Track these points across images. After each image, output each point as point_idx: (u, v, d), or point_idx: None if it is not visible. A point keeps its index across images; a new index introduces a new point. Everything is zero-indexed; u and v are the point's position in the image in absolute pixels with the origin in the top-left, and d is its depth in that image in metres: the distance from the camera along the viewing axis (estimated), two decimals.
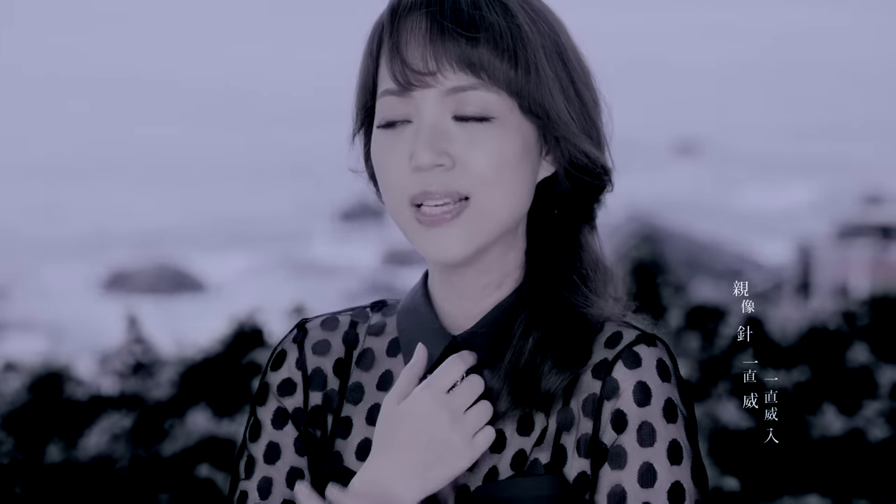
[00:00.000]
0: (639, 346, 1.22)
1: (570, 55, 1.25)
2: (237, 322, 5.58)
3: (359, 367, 1.30)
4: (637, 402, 1.22)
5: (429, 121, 1.22)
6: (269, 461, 1.29)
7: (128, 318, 5.59)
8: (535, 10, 1.25)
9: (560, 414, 1.23)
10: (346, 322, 1.31)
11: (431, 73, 1.21)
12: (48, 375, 5.26)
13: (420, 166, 1.22)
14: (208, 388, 5.36)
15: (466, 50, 1.21)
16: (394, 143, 1.23)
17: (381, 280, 15.30)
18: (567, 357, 1.23)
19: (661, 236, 11.66)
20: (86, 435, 5.04)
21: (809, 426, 5.27)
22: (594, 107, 1.26)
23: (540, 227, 1.27)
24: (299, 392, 1.29)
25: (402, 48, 1.22)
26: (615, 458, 1.22)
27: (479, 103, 1.22)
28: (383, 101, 1.24)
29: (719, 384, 5.45)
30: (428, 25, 1.22)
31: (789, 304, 7.74)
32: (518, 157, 1.23)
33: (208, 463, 4.95)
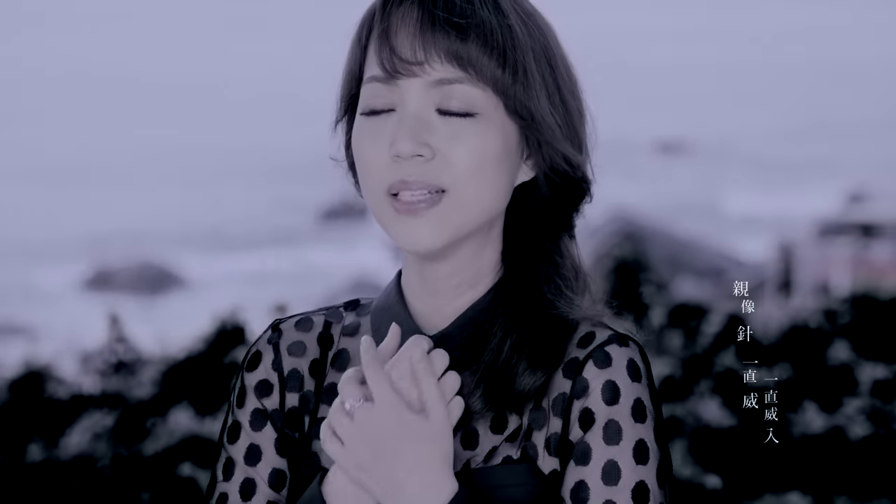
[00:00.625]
0: (610, 346, 1.23)
1: (558, 62, 1.25)
2: (219, 320, 5.56)
3: (333, 368, 1.29)
4: (605, 401, 1.22)
5: (412, 110, 1.21)
6: (250, 462, 1.28)
7: (109, 317, 5.58)
8: (526, 13, 1.24)
9: (532, 413, 1.23)
10: (321, 322, 1.30)
11: (419, 63, 1.21)
12: (29, 374, 5.24)
13: (400, 154, 1.21)
14: (190, 387, 5.35)
15: (456, 43, 1.21)
16: (376, 130, 1.23)
17: (364, 279, 15.29)
18: (541, 358, 1.23)
19: (643, 235, 11.69)
20: (67, 434, 5.02)
21: (791, 424, 5.29)
22: (578, 116, 1.26)
23: (516, 230, 1.27)
24: (276, 393, 1.28)
25: (391, 36, 1.22)
26: (580, 455, 1.22)
27: (464, 98, 1.21)
28: (368, 88, 1.23)
29: (701, 382, 5.47)
30: (419, 15, 1.21)
31: (771, 301, 7.77)
32: (498, 155, 1.23)
33: (190, 462, 4.94)
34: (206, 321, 5.59)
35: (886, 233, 14.03)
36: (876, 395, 5.52)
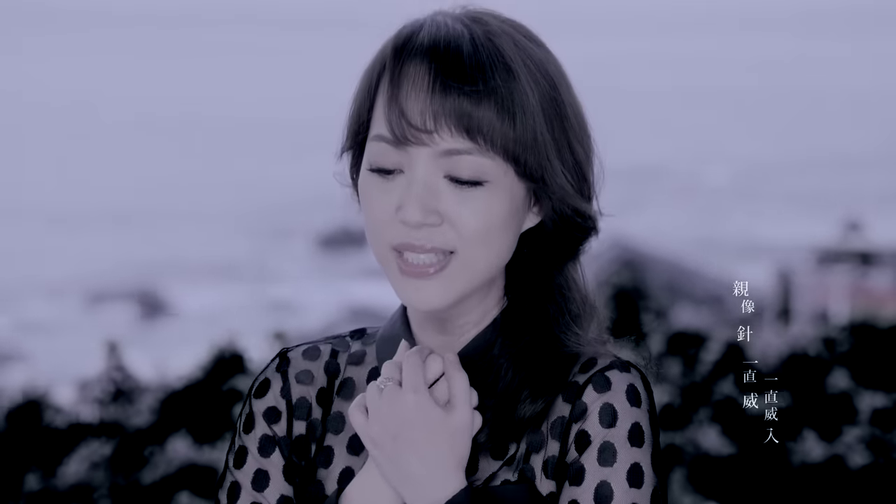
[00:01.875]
0: (611, 371, 1.23)
1: (568, 112, 1.25)
2: (217, 348, 5.56)
3: (339, 397, 1.30)
4: (602, 424, 1.22)
5: (421, 177, 1.22)
6: (258, 488, 1.29)
7: (107, 345, 5.57)
8: (536, 65, 1.23)
9: (530, 436, 1.24)
10: (327, 351, 1.31)
11: (428, 132, 1.21)
12: (27, 403, 5.22)
13: (407, 222, 1.22)
14: (188, 415, 5.33)
15: (466, 112, 1.20)
16: (383, 189, 1.23)
17: (361, 308, 15.29)
18: (543, 386, 1.24)
19: (642, 262, 11.71)
20: (65, 463, 5.00)
21: (790, 452, 5.27)
22: (587, 161, 1.26)
23: (521, 262, 1.28)
24: (284, 420, 1.29)
25: (401, 99, 1.21)
26: (574, 475, 1.22)
27: (474, 168, 1.21)
28: (376, 146, 1.23)
29: (700, 410, 5.46)
30: (430, 79, 1.21)
31: (769, 329, 7.76)
32: (506, 217, 1.23)
33: (188, 490, 4.92)
34: (204, 349, 5.58)
35: (885, 261, 14.05)
36: (875, 424, 5.51)
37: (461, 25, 1.23)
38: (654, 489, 1.23)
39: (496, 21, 1.24)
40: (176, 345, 10.73)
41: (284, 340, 5.74)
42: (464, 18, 1.23)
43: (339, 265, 18.88)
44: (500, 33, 1.23)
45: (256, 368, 5.54)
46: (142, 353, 6.75)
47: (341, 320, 14.30)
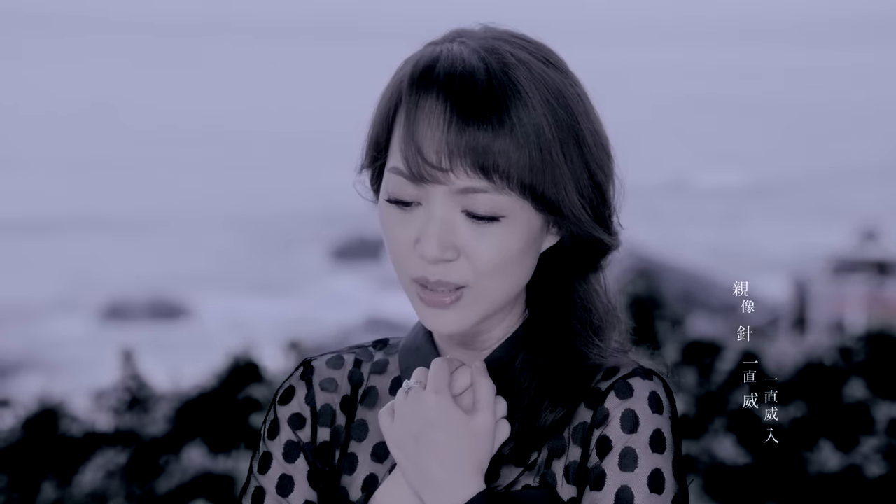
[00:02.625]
0: (633, 378, 1.24)
1: (586, 137, 1.24)
2: (232, 357, 5.56)
3: (363, 405, 1.31)
4: (624, 429, 1.23)
5: (438, 214, 1.22)
6: (282, 493, 1.29)
7: (123, 354, 5.58)
8: (553, 93, 1.23)
9: (551, 442, 1.25)
10: (351, 361, 1.32)
11: (444, 171, 1.21)
12: (43, 412, 5.24)
13: (425, 257, 1.23)
14: (204, 424, 5.34)
15: (481, 151, 1.20)
16: (402, 221, 1.24)
17: (377, 317, 15.29)
18: (565, 396, 1.25)
19: (658, 271, 11.68)
20: (80, 472, 5.01)
21: (806, 462, 5.25)
22: (606, 183, 1.26)
23: (541, 276, 1.28)
24: (308, 427, 1.30)
25: (417, 136, 1.21)
26: (595, 480, 1.22)
27: (490, 204, 1.21)
28: (394, 178, 1.24)
29: (716, 420, 5.44)
30: (446, 117, 1.20)
31: (785, 339, 7.73)
32: (523, 249, 1.24)
33: (204, 499, 4.93)
34: (219, 358, 5.59)
35: None
36: (892, 434, 5.48)
37: (477, 58, 1.22)
38: (675, 496, 1.23)
39: (514, 48, 1.23)
40: (191, 354, 10.75)
41: (299, 349, 5.75)
42: (480, 50, 1.22)
43: (354, 275, 18.90)
44: (516, 64, 1.22)
45: (272, 377, 5.54)
46: (157, 362, 6.76)
47: (356, 330, 14.30)
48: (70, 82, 37.54)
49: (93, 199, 24.13)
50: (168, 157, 28.40)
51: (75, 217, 22.87)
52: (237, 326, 15.04)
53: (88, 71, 39.54)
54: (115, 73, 39.44)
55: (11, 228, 21.78)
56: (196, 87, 38.24)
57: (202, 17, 55.01)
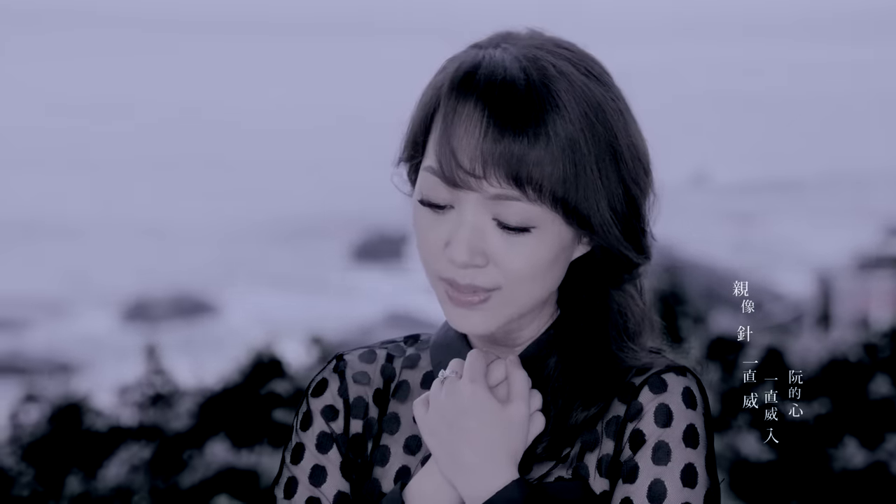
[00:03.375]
0: (667, 374, 1.25)
1: (624, 153, 1.24)
2: (255, 353, 5.58)
3: (395, 399, 1.32)
4: (657, 423, 1.23)
5: (469, 220, 1.23)
6: (315, 483, 1.30)
7: (147, 349, 5.61)
8: (592, 107, 1.22)
9: (585, 435, 1.25)
10: (383, 356, 1.33)
11: (477, 178, 1.21)
12: (68, 406, 5.27)
13: (454, 262, 1.23)
14: (227, 419, 5.36)
15: (515, 161, 1.21)
16: (434, 222, 1.25)
17: (399, 313, 15.32)
18: (597, 394, 1.25)
19: (681, 267, 11.64)
20: (105, 466, 5.04)
21: (831, 459, 5.22)
22: (642, 197, 1.26)
23: (573, 280, 1.29)
24: (341, 418, 1.31)
25: (453, 141, 1.22)
26: (628, 473, 1.23)
27: (521, 214, 1.22)
28: (429, 178, 1.24)
29: (739, 416, 5.42)
30: (482, 125, 1.21)
31: (810, 335, 7.69)
32: (553, 260, 1.24)
33: (227, 494, 4.95)
34: (242, 353, 5.61)
35: None
36: None
37: (518, 67, 1.22)
38: (708, 490, 1.23)
39: (556, 58, 1.23)
40: (214, 350, 10.81)
41: (322, 345, 5.76)
42: (522, 59, 1.22)
43: (376, 271, 18.95)
44: (556, 76, 1.22)
45: (294, 373, 5.56)
46: (181, 357, 6.79)
47: (378, 326, 14.32)
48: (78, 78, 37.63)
49: (111, 197, 24.24)
50: (187, 154, 28.50)
51: (94, 216, 23.00)
52: (260, 322, 15.10)
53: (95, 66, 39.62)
54: (119, 69, 39.56)
55: (30, 227, 21.91)
56: (209, 84, 38.35)
57: (211, 14, 55.08)
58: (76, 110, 32.68)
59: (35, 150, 27.82)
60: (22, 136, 29.13)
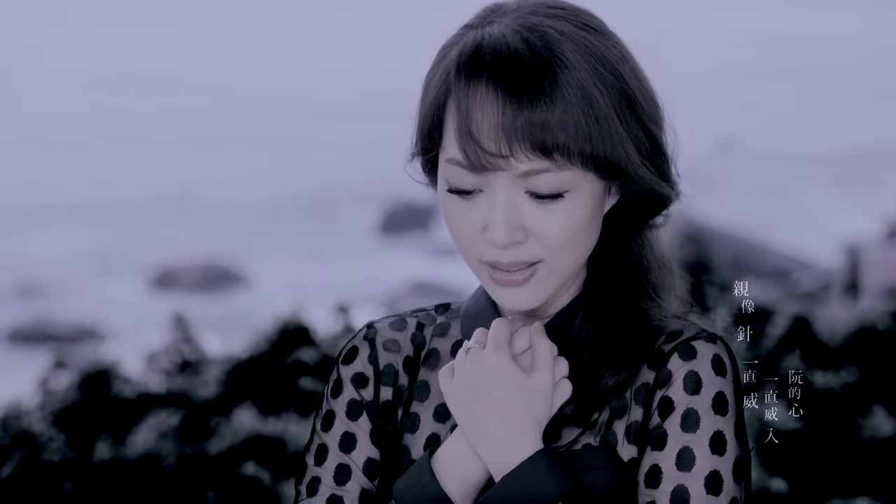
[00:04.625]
0: (697, 341, 1.26)
1: (636, 96, 1.24)
2: (282, 321, 5.61)
3: (425, 366, 1.32)
4: (686, 391, 1.24)
5: (503, 199, 1.22)
6: (345, 450, 1.30)
7: (174, 317, 5.64)
8: (599, 59, 1.22)
9: (613, 402, 1.25)
10: (413, 324, 1.34)
11: (504, 157, 1.21)
12: (97, 373, 5.32)
13: (495, 244, 1.23)
14: (254, 387, 5.40)
15: (538, 131, 1.20)
16: (465, 209, 1.24)
17: (424, 283, 15.35)
18: (627, 359, 1.25)
19: (707, 236, 11.59)
20: (134, 432, 5.09)
21: (859, 427, 5.21)
22: (661, 135, 1.26)
23: (601, 241, 1.29)
24: (371, 386, 1.31)
25: (473, 127, 1.21)
26: (656, 440, 1.23)
27: (553, 183, 1.22)
28: (453, 170, 1.23)
29: (766, 385, 5.40)
30: (499, 104, 1.20)
31: (837, 304, 7.66)
32: (590, 219, 1.24)
33: (254, 461, 4.99)
34: (269, 321, 5.64)
35: None
36: None
37: (519, 39, 1.21)
38: (737, 458, 1.24)
39: (552, 20, 1.22)
40: (242, 318, 10.87)
41: (349, 314, 5.78)
42: (520, 29, 1.21)
43: (403, 240, 18.98)
44: (558, 38, 1.21)
45: (321, 341, 5.58)
46: (209, 326, 6.83)
47: (405, 295, 14.36)
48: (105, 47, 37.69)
49: (141, 170, 24.33)
50: (216, 126, 28.56)
51: (125, 187, 23.12)
52: (287, 292, 15.16)
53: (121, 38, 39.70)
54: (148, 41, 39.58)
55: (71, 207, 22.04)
56: (238, 53, 38.32)
57: None
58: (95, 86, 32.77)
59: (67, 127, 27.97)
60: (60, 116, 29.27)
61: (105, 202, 21.31)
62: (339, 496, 1.26)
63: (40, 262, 17.25)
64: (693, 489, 1.18)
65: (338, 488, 1.27)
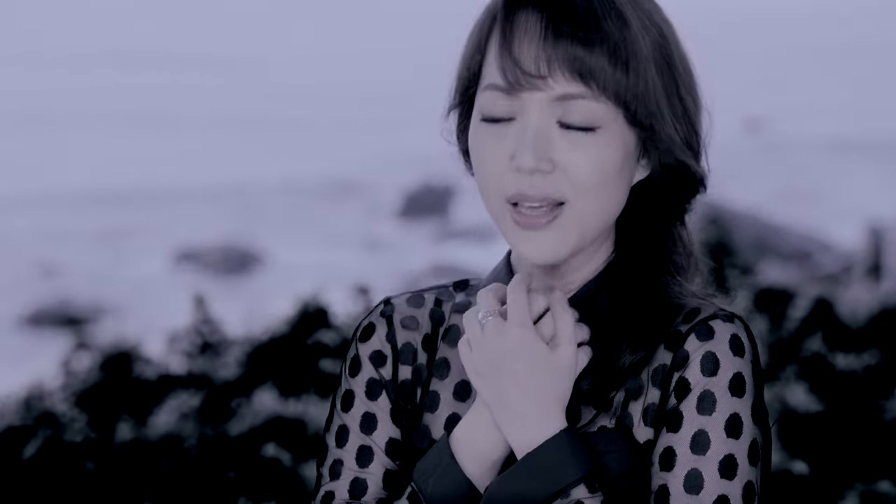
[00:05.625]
0: (714, 321, 1.24)
1: (676, 62, 1.25)
2: (302, 302, 5.62)
3: (444, 343, 1.30)
4: (703, 372, 1.21)
5: (534, 124, 1.22)
6: (366, 431, 1.29)
7: (195, 298, 5.66)
8: (646, 14, 1.24)
9: (629, 383, 1.24)
10: (431, 300, 1.32)
11: (542, 77, 1.21)
12: (118, 354, 5.34)
13: (521, 169, 1.22)
14: (274, 369, 5.41)
15: (579, 57, 1.21)
16: (496, 138, 1.23)
17: (443, 261, 15.35)
18: (645, 337, 1.24)
19: (729, 218, 11.54)
20: (155, 413, 5.11)
21: (882, 410, 5.18)
22: (696, 113, 1.26)
23: (628, 216, 1.28)
24: (389, 365, 1.30)
25: (513, 48, 1.22)
26: (672, 422, 1.21)
27: (586, 113, 1.22)
28: (488, 95, 1.24)
29: (787, 367, 5.38)
30: (542, 27, 1.21)
31: (859, 286, 7.61)
32: (618, 165, 1.24)
33: (274, 442, 5.00)
34: (289, 302, 5.65)
35: None
36: None
37: None
38: (753, 441, 1.22)
39: None
40: (262, 300, 10.90)
41: (369, 296, 5.79)
42: None
43: (422, 222, 18.98)
44: None
45: (341, 323, 5.59)
46: (229, 307, 6.86)
47: (424, 276, 14.36)
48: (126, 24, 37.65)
49: (162, 153, 24.39)
50: (236, 110, 28.57)
51: (148, 170, 23.18)
52: (307, 274, 15.21)
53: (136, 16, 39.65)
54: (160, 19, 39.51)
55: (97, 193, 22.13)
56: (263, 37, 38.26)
57: None
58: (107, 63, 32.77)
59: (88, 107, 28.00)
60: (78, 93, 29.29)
61: (126, 184, 21.39)
62: (362, 479, 1.25)
63: (63, 243, 17.34)
64: (707, 473, 1.17)
65: (360, 471, 1.25)
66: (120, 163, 23.19)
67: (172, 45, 34.38)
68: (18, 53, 32.05)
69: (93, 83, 29.98)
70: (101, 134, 25.31)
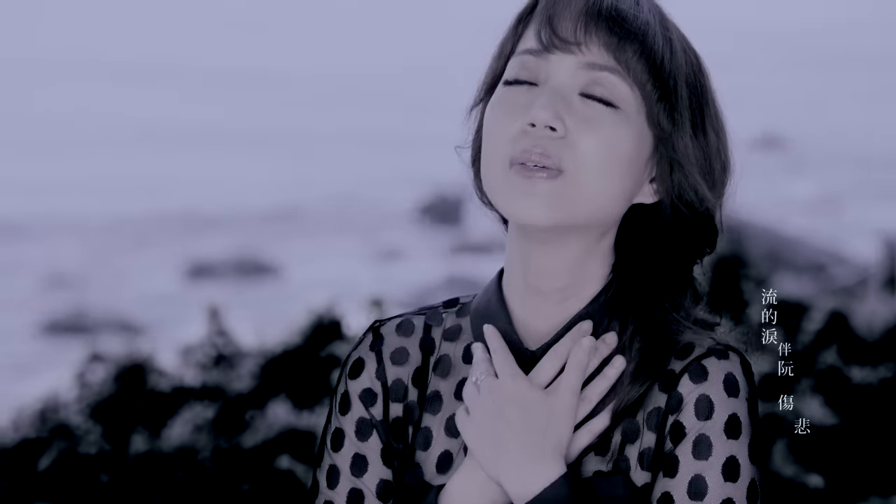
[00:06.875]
0: (708, 360, 1.22)
1: (709, 100, 1.25)
2: (316, 315, 5.62)
3: (436, 374, 1.29)
4: (698, 416, 1.21)
5: (557, 85, 1.21)
6: (356, 473, 1.28)
7: (209, 310, 5.67)
8: (686, 44, 1.25)
9: (625, 425, 1.23)
10: (421, 325, 1.30)
11: (577, 44, 1.22)
12: (133, 366, 5.36)
13: (535, 122, 1.21)
14: (288, 381, 5.41)
15: (615, 36, 1.21)
16: (514, 100, 1.23)
17: (456, 275, 15.35)
18: (644, 371, 1.23)
19: (743, 230, 11.51)
20: (169, 425, 5.12)
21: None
22: (717, 159, 1.25)
23: (631, 247, 1.27)
24: (379, 403, 1.29)
25: (553, 18, 1.22)
26: (668, 466, 1.21)
27: (611, 87, 1.21)
28: (517, 60, 1.24)
29: (803, 380, 5.36)
30: (585, 6, 1.22)
31: (875, 298, 7.58)
32: (626, 156, 1.22)
33: (288, 454, 5.00)
34: (303, 314, 5.66)
35: None
36: None
37: None
38: (751, 482, 1.21)
39: None
40: (276, 312, 10.91)
41: (382, 308, 5.79)
42: None
43: (436, 234, 18.99)
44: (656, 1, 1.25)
45: (354, 335, 5.60)
46: (243, 319, 6.87)
47: (437, 289, 14.34)
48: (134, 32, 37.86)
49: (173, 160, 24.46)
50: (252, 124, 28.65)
51: (158, 179, 23.25)
52: (321, 285, 15.22)
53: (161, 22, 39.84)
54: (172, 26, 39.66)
55: None
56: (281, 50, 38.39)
57: None
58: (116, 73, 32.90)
59: None
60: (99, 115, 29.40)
61: (141, 193, 21.46)
62: None
63: (76, 254, 17.40)
64: None
65: None
66: (130, 180, 23.26)
67: (172, 59, 34.51)
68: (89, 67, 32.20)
69: (106, 101, 30.11)
70: (109, 155, 25.41)
